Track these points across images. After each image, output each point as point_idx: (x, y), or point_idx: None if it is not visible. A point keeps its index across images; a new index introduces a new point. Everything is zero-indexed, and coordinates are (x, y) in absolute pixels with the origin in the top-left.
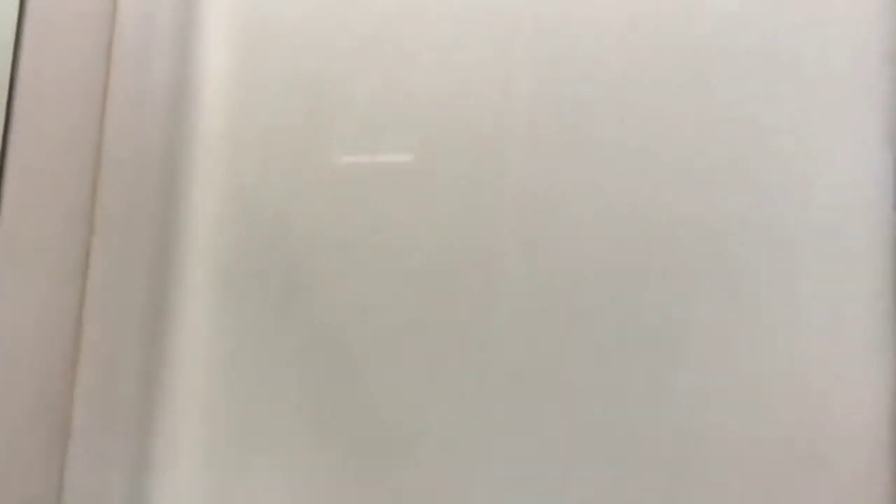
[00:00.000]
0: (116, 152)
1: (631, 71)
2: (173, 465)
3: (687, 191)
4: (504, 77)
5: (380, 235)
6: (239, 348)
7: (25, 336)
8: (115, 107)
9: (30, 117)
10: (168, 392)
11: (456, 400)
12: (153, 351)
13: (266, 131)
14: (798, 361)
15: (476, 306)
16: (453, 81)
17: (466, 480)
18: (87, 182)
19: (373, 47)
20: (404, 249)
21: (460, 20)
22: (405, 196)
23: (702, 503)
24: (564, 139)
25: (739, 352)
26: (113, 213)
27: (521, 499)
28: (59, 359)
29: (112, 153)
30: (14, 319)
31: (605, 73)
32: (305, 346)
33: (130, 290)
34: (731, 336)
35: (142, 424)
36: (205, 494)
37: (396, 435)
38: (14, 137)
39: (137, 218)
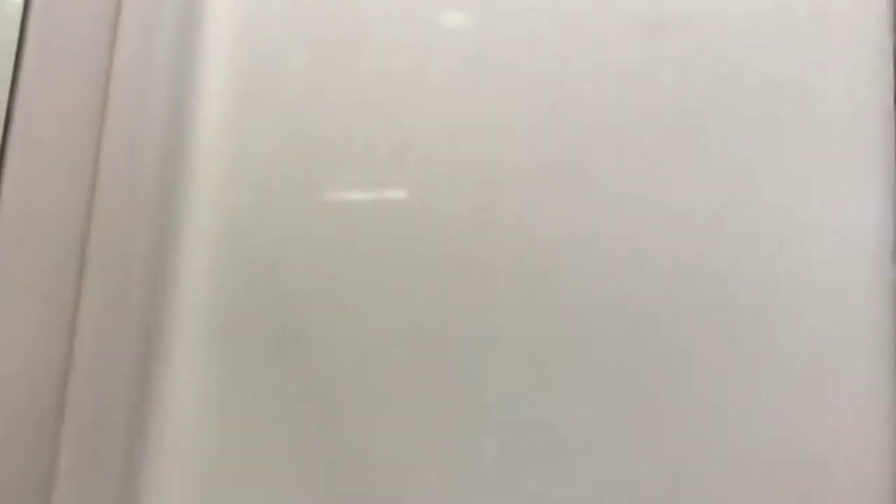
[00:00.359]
0: (110, 193)
1: (629, 120)
2: None
3: (684, 241)
4: (503, 119)
5: (374, 280)
6: (230, 393)
7: (11, 379)
8: (111, 147)
9: (23, 154)
10: (156, 438)
11: (449, 451)
12: (142, 397)
13: (262, 172)
14: (796, 417)
15: (472, 352)
16: (452, 122)
17: None
18: (80, 221)
19: (371, 89)
20: (398, 296)
21: (460, 60)
22: (400, 240)
23: None
24: (562, 183)
25: (737, 405)
26: (104, 253)
27: None
28: (45, 410)
29: (106, 194)
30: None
31: (604, 121)
32: (298, 393)
33: (121, 332)
34: (727, 388)
35: (130, 469)
36: None
37: (389, 487)
38: (6, 179)
39: (129, 260)
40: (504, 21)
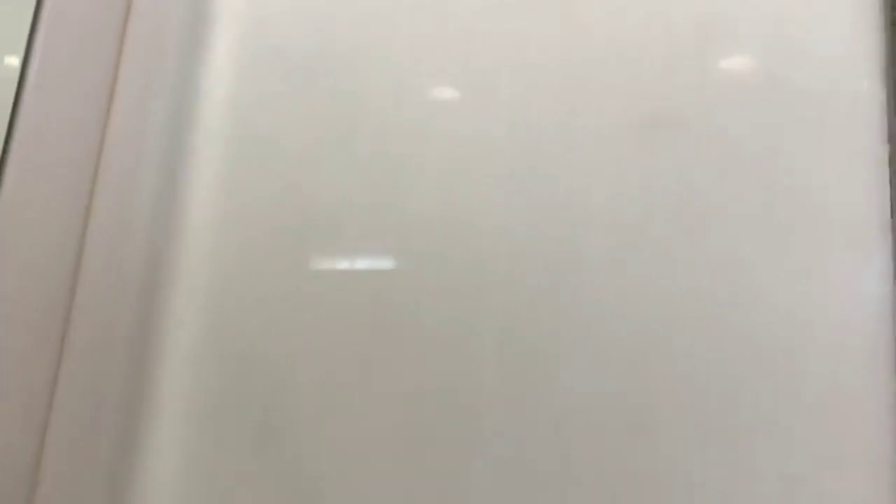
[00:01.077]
0: (96, 267)
1: (625, 215)
2: None
3: (681, 342)
4: (496, 201)
5: (357, 366)
6: (210, 484)
7: None
8: (97, 226)
9: (8, 234)
10: None
11: None
12: (121, 485)
13: (249, 253)
14: None
15: (459, 447)
16: (447, 205)
17: None
18: (61, 306)
19: (363, 176)
20: (381, 384)
21: (453, 141)
22: (386, 322)
23: None
24: (554, 263)
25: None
26: (86, 338)
27: None
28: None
29: (91, 268)
30: None
31: (600, 213)
32: (278, 486)
33: (100, 414)
34: (725, 490)
35: None
36: None
37: None
38: None
39: (111, 340)
40: (501, 108)
